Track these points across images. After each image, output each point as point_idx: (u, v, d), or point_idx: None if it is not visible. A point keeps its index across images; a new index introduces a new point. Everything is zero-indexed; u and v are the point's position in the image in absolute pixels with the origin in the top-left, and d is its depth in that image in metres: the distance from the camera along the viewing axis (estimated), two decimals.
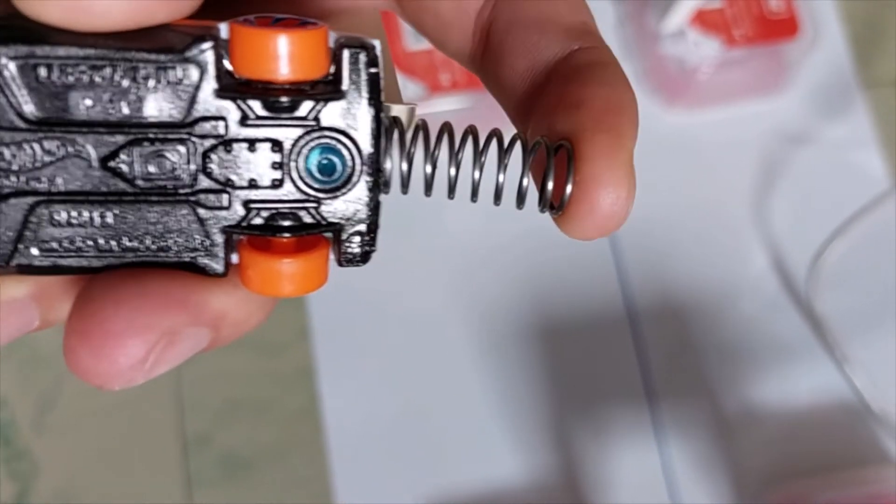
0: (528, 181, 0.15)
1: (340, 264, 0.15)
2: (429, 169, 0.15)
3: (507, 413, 0.48)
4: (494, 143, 0.15)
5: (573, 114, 0.15)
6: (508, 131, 0.15)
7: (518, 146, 0.15)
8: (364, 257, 0.15)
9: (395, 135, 0.15)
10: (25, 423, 0.47)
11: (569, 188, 0.14)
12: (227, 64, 0.13)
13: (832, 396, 0.49)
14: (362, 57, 0.14)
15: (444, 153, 0.15)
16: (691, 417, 0.49)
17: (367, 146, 0.14)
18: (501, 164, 0.15)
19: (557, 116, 0.15)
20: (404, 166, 0.15)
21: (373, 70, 0.14)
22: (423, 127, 0.15)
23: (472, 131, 0.15)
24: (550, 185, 0.15)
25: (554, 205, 0.15)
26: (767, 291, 0.51)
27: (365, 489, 0.46)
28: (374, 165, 0.14)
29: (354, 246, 0.15)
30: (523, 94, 0.16)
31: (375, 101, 0.14)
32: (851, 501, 0.45)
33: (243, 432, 0.47)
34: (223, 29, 0.13)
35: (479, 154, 0.15)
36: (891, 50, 0.57)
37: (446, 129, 0.15)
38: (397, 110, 0.15)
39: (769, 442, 0.49)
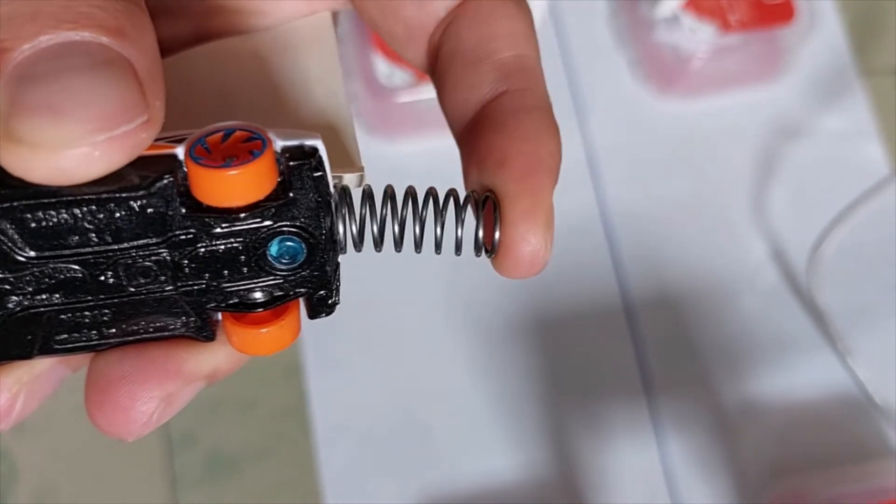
0: (461, 232, 0.17)
1: (311, 317, 0.17)
2: (375, 229, 0.17)
3: (502, 410, 0.47)
4: (432, 200, 0.17)
5: (497, 172, 0.17)
6: None
7: (451, 201, 0.17)
8: (331, 309, 0.17)
9: (345, 207, 0.17)
10: None
11: (496, 235, 0.17)
12: (186, 186, 0.15)
13: (834, 389, 0.48)
14: (306, 168, 0.16)
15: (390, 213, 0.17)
16: (691, 412, 0.47)
17: (319, 231, 0.16)
18: (438, 220, 0.17)
19: (484, 171, 0.17)
20: (354, 230, 0.17)
21: (317, 174, 0.16)
22: (368, 193, 0.17)
23: (411, 192, 0.17)
24: (481, 234, 0.17)
25: (487, 249, 0.17)
26: (767, 282, 0.50)
27: (353, 488, 0.45)
28: (329, 242, 0.16)
29: (321, 303, 0.17)
30: (458, 126, 0.18)
31: (323, 196, 0.16)
32: (855, 497, 0.44)
33: (229, 431, 0.46)
34: (180, 153, 0.15)
35: (417, 213, 0.17)
36: (890, 38, 0.56)
37: (388, 192, 0.17)
38: (348, 179, 0.18)
39: (770, 437, 0.47)
